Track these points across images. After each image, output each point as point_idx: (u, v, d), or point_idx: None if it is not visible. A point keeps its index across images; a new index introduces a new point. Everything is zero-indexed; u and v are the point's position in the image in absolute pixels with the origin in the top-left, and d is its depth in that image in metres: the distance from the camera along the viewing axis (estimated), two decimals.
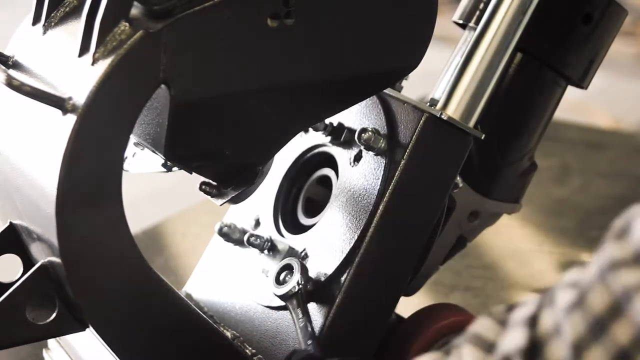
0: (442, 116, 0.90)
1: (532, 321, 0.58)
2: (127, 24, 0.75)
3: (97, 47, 0.75)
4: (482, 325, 0.62)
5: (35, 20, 0.86)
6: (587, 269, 0.56)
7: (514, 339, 0.58)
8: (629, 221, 0.55)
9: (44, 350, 1.04)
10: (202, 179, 0.90)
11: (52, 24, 0.84)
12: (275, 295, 0.90)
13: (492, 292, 1.47)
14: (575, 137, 2.25)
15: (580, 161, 2.11)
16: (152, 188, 1.85)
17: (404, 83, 1.02)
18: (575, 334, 0.55)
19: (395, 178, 0.90)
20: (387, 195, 0.90)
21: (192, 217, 1.70)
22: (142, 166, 0.93)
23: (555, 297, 0.58)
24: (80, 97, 0.74)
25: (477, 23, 0.98)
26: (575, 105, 2.43)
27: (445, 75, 1.00)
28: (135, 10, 0.77)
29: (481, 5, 1.00)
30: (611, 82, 2.59)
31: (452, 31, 1.15)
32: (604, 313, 0.53)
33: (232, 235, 1.03)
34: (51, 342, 1.03)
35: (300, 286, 0.89)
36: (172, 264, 1.52)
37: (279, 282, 0.91)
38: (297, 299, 0.89)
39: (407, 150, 0.90)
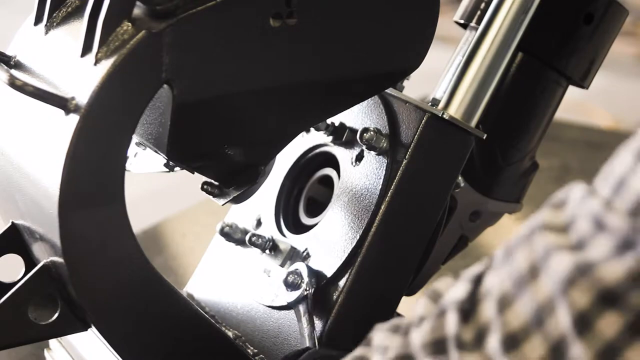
0: (444, 116, 0.90)
1: (478, 278, 0.59)
2: (129, 23, 0.75)
3: (100, 47, 0.75)
4: (442, 282, 0.64)
5: (37, 20, 0.86)
6: (520, 229, 0.58)
7: (455, 292, 0.60)
8: (567, 194, 0.57)
9: (45, 351, 1.04)
10: (204, 178, 0.90)
11: (54, 24, 0.84)
12: (286, 301, 0.91)
13: None
14: (575, 137, 2.25)
15: (580, 161, 2.11)
16: (152, 188, 1.85)
17: (405, 83, 1.02)
18: (500, 290, 0.56)
19: (397, 178, 0.90)
20: (389, 194, 0.90)
21: (192, 217, 1.70)
22: (143, 166, 0.93)
23: (494, 256, 0.59)
24: (82, 97, 0.74)
25: (478, 23, 0.98)
26: (575, 105, 2.43)
27: (446, 75, 1.00)
28: (138, 10, 0.77)
29: (482, 5, 1.00)
30: (611, 82, 2.59)
31: (452, 31, 1.15)
32: (525, 270, 0.55)
33: (233, 235, 1.03)
34: (52, 342, 1.03)
35: (308, 292, 0.89)
36: (172, 264, 1.52)
37: (288, 286, 0.91)
38: (305, 305, 0.89)
39: (409, 150, 0.90)
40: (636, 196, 0.52)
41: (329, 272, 0.91)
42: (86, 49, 0.77)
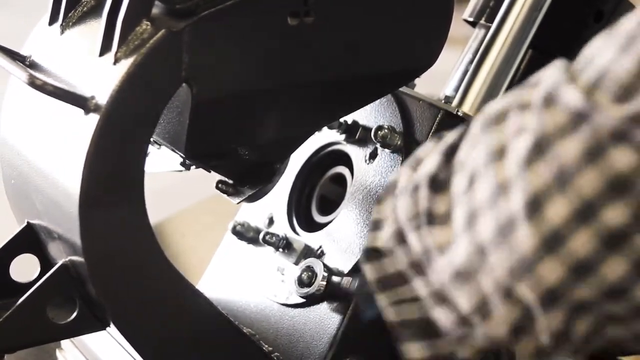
0: (459, 113, 0.90)
1: (452, 150, 0.58)
2: (148, 23, 0.75)
3: (119, 46, 0.75)
4: (422, 148, 0.63)
5: (52, 20, 0.86)
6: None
7: (428, 165, 0.59)
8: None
9: (57, 351, 1.04)
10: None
11: (70, 23, 0.84)
12: (300, 296, 0.91)
13: None
14: None
15: None
16: (152, 188, 1.85)
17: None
18: (473, 165, 0.55)
19: None
20: None
21: (192, 217, 1.70)
22: (158, 165, 0.93)
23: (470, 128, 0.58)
24: (102, 96, 0.74)
25: (487, 20, 0.99)
26: None
27: (457, 72, 1.01)
28: (157, 10, 0.77)
29: (491, 3, 1.01)
30: None
31: (452, 32, 1.16)
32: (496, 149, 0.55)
33: (245, 234, 1.04)
34: (65, 341, 1.03)
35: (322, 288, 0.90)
36: None
37: (301, 284, 0.91)
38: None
39: None
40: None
41: (344, 270, 0.91)
42: (105, 49, 0.77)
